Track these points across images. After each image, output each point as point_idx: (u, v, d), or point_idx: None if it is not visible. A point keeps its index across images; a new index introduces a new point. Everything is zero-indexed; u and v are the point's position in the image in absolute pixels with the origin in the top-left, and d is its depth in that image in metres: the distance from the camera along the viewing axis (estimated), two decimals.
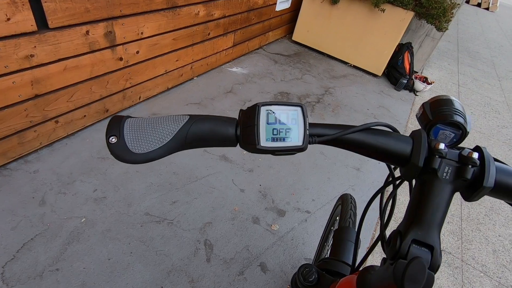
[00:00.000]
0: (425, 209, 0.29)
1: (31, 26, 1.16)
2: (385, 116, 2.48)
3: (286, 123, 0.31)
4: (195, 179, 1.52)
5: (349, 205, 0.79)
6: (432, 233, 0.28)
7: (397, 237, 0.28)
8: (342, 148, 0.34)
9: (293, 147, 0.30)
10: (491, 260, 1.53)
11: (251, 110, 0.31)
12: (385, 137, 0.33)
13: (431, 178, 0.30)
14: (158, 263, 1.17)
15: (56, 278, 1.05)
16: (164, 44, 1.83)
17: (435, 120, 0.33)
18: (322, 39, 3.12)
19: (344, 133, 0.33)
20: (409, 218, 0.29)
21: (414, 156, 0.31)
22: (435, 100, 0.35)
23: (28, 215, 1.20)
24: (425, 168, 0.30)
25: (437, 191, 0.29)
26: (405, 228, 0.29)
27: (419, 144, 0.31)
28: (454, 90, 3.31)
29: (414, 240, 0.27)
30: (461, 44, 5.09)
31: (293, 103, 0.32)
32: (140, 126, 0.31)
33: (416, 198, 0.30)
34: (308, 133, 0.31)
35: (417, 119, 0.37)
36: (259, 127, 0.30)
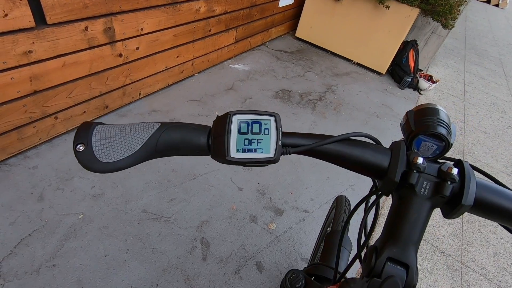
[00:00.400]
0: (402, 226, 0.28)
1: (29, 22, 1.15)
2: (388, 115, 2.45)
3: (258, 133, 0.30)
4: (193, 176, 1.52)
5: (343, 208, 0.78)
6: (408, 251, 0.26)
7: (372, 254, 0.28)
8: (319, 158, 0.33)
9: (264, 158, 0.29)
10: (491, 263, 1.51)
11: (222, 118, 0.30)
12: (362, 149, 0.31)
13: (409, 193, 0.29)
14: (154, 260, 1.17)
15: (53, 274, 1.06)
16: (164, 40, 1.82)
17: (417, 130, 0.31)
18: (325, 36, 3.08)
19: (319, 143, 0.31)
20: (385, 234, 0.28)
21: (390, 170, 0.29)
22: (420, 109, 0.33)
23: (26, 211, 1.21)
24: (402, 183, 0.29)
25: (415, 208, 0.28)
26: (381, 244, 0.28)
27: (396, 157, 0.30)
28: (460, 89, 3.26)
29: (389, 258, 0.26)
30: (469, 42, 5.00)
31: (267, 112, 0.31)
32: (109, 133, 0.30)
33: (393, 213, 0.29)
34: (281, 144, 0.30)
35: (401, 128, 0.35)
36: (230, 137, 0.29)
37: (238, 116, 0.30)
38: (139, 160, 0.29)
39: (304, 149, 0.31)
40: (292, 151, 0.31)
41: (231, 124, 0.29)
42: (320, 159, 0.33)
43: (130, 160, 0.28)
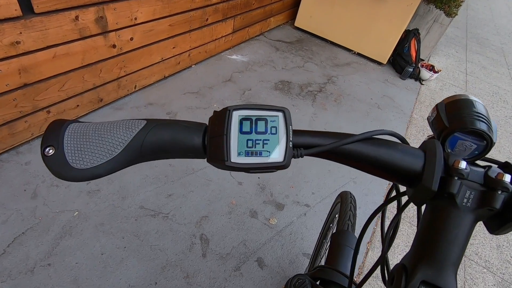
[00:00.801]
0: (438, 243, 0.23)
1: (15, 11, 1.09)
2: (390, 106, 2.40)
3: (264, 132, 0.25)
4: (192, 171, 1.48)
5: (349, 205, 0.74)
6: (447, 274, 0.22)
7: (401, 274, 0.23)
8: (336, 161, 0.28)
9: (272, 164, 0.24)
10: (494, 256, 1.49)
11: (220, 115, 0.25)
12: (389, 149, 0.26)
13: (448, 204, 0.24)
14: (153, 258, 1.15)
15: (48, 273, 1.03)
16: (160, 30, 1.75)
17: (453, 127, 0.27)
18: (325, 25, 3.00)
19: (337, 144, 0.26)
20: (417, 252, 0.24)
21: (426, 176, 0.24)
22: (452, 101, 0.29)
23: (20, 209, 1.17)
24: (439, 191, 0.24)
25: (455, 222, 0.23)
26: (413, 264, 0.23)
27: (432, 160, 0.25)
28: (462, 79, 3.20)
29: (423, 282, 0.22)
30: (470, 31, 4.92)
31: (274, 107, 0.25)
32: (85, 134, 0.25)
33: (426, 227, 0.25)
34: (291, 145, 0.25)
35: (429, 123, 0.30)
36: (230, 138, 0.24)
37: (240, 112, 0.25)
38: (121, 166, 0.24)
39: (319, 150, 0.26)
40: (304, 153, 0.26)
41: (231, 121, 0.24)
42: (337, 162, 0.28)
43: (110, 165, 0.23)
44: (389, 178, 0.27)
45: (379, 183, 1.70)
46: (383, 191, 1.67)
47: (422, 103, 2.60)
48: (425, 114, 2.47)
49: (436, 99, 2.70)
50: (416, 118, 2.41)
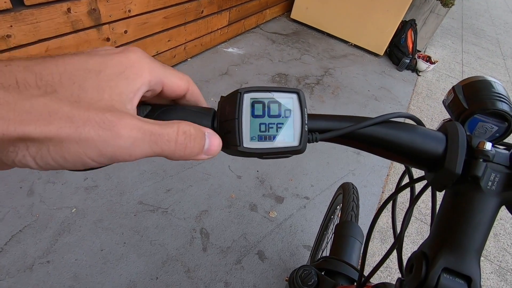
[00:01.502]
0: (461, 229, 0.22)
1: (4, 3, 1.05)
2: (387, 98, 2.40)
3: (277, 115, 0.24)
4: (190, 165, 1.47)
5: (351, 196, 0.74)
6: (470, 261, 0.21)
7: (421, 262, 0.22)
8: (350, 146, 0.27)
9: (287, 148, 0.23)
10: (491, 244, 1.51)
11: (231, 98, 0.24)
12: (408, 132, 0.25)
13: (471, 188, 0.23)
14: (153, 253, 1.14)
15: (47, 271, 1.02)
16: (154, 23, 1.72)
17: (473, 109, 0.26)
18: (321, 17, 2.97)
19: (354, 128, 0.25)
20: (438, 238, 0.23)
21: (449, 159, 0.23)
22: (469, 82, 0.28)
23: (16, 206, 1.15)
24: (463, 175, 0.23)
25: (479, 206, 0.22)
26: (433, 251, 0.22)
27: (455, 143, 0.23)
28: (458, 70, 3.21)
29: (445, 269, 0.21)
30: (466, 21, 4.91)
31: (287, 89, 0.24)
32: None
33: (448, 213, 0.24)
34: (307, 129, 0.24)
35: (446, 107, 0.29)
36: (242, 122, 0.23)
37: (251, 95, 0.23)
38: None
39: (335, 134, 0.25)
40: (320, 137, 0.25)
41: (242, 104, 0.23)
42: (353, 147, 0.26)
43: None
44: (408, 162, 0.26)
45: (378, 174, 1.70)
46: (382, 182, 1.67)
47: (419, 94, 2.60)
48: (422, 105, 2.48)
49: (433, 90, 2.70)
50: (413, 109, 2.41)
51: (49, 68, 0.16)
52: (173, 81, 0.22)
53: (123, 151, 0.17)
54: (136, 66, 0.19)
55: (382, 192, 1.62)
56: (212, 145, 0.22)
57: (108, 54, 0.19)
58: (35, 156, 0.16)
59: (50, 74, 0.16)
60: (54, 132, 0.15)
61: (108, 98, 0.17)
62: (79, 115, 0.16)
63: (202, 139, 0.21)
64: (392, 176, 1.72)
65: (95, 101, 0.17)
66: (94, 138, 0.16)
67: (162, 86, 0.22)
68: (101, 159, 0.17)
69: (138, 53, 0.20)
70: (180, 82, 0.23)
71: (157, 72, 0.21)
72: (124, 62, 0.19)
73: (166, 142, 0.19)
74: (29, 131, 0.15)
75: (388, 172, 1.73)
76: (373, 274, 0.34)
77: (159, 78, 0.21)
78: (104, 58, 0.18)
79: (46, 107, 0.15)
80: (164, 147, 0.19)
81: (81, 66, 0.17)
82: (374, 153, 0.27)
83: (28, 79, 0.16)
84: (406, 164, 0.27)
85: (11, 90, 0.15)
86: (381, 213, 0.34)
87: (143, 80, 0.20)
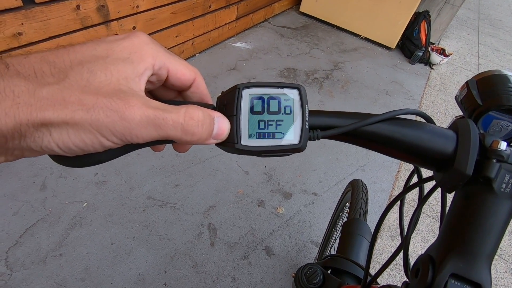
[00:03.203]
0: (471, 233, 0.21)
1: (15, 1, 1.07)
2: (398, 92, 2.35)
3: (277, 112, 0.23)
4: (198, 161, 1.48)
5: (360, 193, 0.72)
6: (480, 266, 0.20)
7: (428, 266, 0.21)
8: (354, 143, 0.25)
9: (286, 146, 0.22)
10: (506, 243, 1.47)
11: (229, 94, 0.23)
12: (416, 130, 0.24)
13: (483, 190, 0.22)
14: (162, 247, 1.15)
15: (60, 263, 1.05)
16: (162, 19, 1.72)
17: (487, 105, 0.24)
18: (331, 10, 2.91)
19: (358, 125, 0.24)
20: (446, 242, 0.22)
21: (459, 159, 0.22)
22: (484, 77, 0.26)
23: (30, 200, 1.18)
24: (475, 176, 0.22)
25: (492, 209, 0.21)
26: (441, 255, 0.21)
27: (467, 141, 0.22)
28: (474, 63, 3.10)
29: (453, 274, 0.20)
30: (482, 12, 4.73)
31: (287, 84, 0.23)
32: None
33: (457, 215, 0.22)
34: (307, 126, 0.23)
35: (458, 103, 0.28)
36: (240, 119, 0.22)
37: (250, 90, 0.23)
38: (120, 152, 0.22)
39: (338, 132, 0.24)
40: (321, 135, 0.24)
41: (241, 100, 0.22)
42: (357, 145, 0.25)
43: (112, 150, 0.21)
44: (415, 161, 0.25)
45: (388, 170, 1.67)
46: (392, 178, 1.64)
47: (432, 88, 2.53)
48: (435, 99, 2.41)
49: (447, 84, 2.63)
50: (426, 104, 2.35)
51: (62, 57, 0.18)
52: (178, 68, 0.22)
53: (131, 131, 0.18)
54: (140, 51, 0.20)
55: (392, 188, 1.59)
56: (221, 129, 0.22)
57: (114, 41, 0.20)
58: (57, 141, 0.17)
59: (62, 62, 0.18)
60: (69, 115, 0.17)
61: (115, 81, 0.18)
62: (89, 98, 0.17)
63: (211, 124, 0.21)
64: (403, 173, 1.68)
65: (104, 84, 0.18)
66: (104, 119, 0.17)
67: (167, 72, 0.22)
68: (114, 139, 0.18)
69: (142, 38, 0.21)
70: (185, 70, 0.23)
71: (161, 57, 0.21)
72: (128, 48, 0.20)
73: (171, 127, 0.19)
74: (49, 116, 0.16)
75: (399, 168, 1.70)
76: (379, 274, 0.33)
77: (163, 63, 0.21)
78: (111, 44, 0.20)
79: (60, 92, 0.17)
80: (170, 132, 0.19)
81: (90, 53, 0.19)
82: (380, 152, 0.25)
83: (44, 69, 0.17)
84: (413, 164, 0.26)
85: (31, 79, 0.17)
86: (387, 213, 0.33)
87: (146, 65, 0.20)
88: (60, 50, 0.18)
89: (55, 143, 0.17)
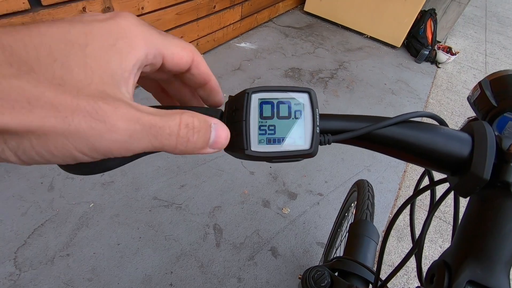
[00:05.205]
0: (489, 239, 0.20)
1: (23, 4, 1.08)
2: (404, 91, 2.32)
3: (287, 117, 0.22)
4: (203, 161, 1.48)
5: (366, 194, 0.72)
6: (499, 273, 0.20)
7: (444, 272, 0.21)
8: (365, 147, 0.25)
9: (297, 152, 0.22)
10: None
11: (238, 98, 0.23)
12: (430, 133, 0.23)
13: (501, 195, 0.21)
14: (167, 248, 1.16)
15: (67, 263, 1.06)
16: (167, 20, 1.73)
17: (502, 106, 0.24)
18: (336, 9, 2.90)
19: (370, 129, 0.23)
20: (462, 248, 0.21)
21: (476, 163, 0.21)
22: (498, 77, 0.25)
23: (37, 201, 1.20)
24: (492, 180, 0.21)
25: (510, 214, 0.20)
26: (457, 261, 0.21)
27: (483, 145, 0.21)
28: (481, 61, 3.06)
29: (470, 282, 0.20)
30: (490, 9, 4.67)
31: (297, 88, 0.23)
32: None
33: (473, 220, 0.22)
34: (318, 131, 0.22)
35: (471, 104, 0.27)
36: (249, 124, 0.22)
37: (259, 95, 0.22)
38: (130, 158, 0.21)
39: (349, 136, 0.23)
40: (332, 139, 0.23)
41: (250, 105, 0.22)
42: (369, 149, 0.25)
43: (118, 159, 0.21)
44: (429, 165, 0.25)
45: (394, 170, 1.66)
46: (399, 179, 1.63)
47: (438, 87, 2.50)
48: (442, 98, 2.38)
49: (454, 83, 2.59)
50: (432, 103, 2.32)
51: (22, 40, 0.13)
52: (175, 52, 0.19)
53: (120, 145, 0.15)
54: (129, 36, 0.16)
55: (398, 188, 1.58)
56: (219, 137, 0.19)
57: (94, 21, 0.16)
58: (16, 150, 0.13)
59: (23, 47, 0.13)
60: (36, 123, 0.13)
61: (98, 80, 0.15)
62: (66, 102, 0.13)
63: (207, 132, 0.18)
64: (410, 173, 1.67)
65: (84, 84, 0.14)
66: (86, 131, 0.14)
67: (162, 59, 0.18)
68: (93, 154, 0.15)
69: (130, 19, 0.17)
70: (182, 53, 0.19)
71: (155, 42, 0.17)
72: (114, 31, 0.16)
73: (167, 136, 0.16)
74: (5, 121, 0.12)
75: (405, 168, 1.68)
76: (390, 279, 0.33)
77: (158, 50, 0.18)
78: (90, 26, 0.15)
79: (23, 92, 0.12)
80: (165, 142, 0.16)
81: (62, 37, 0.14)
82: (392, 156, 0.25)
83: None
84: (427, 167, 0.25)
85: None
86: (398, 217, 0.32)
87: (138, 54, 0.16)
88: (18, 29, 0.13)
89: (12, 153, 0.13)
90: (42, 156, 0.14)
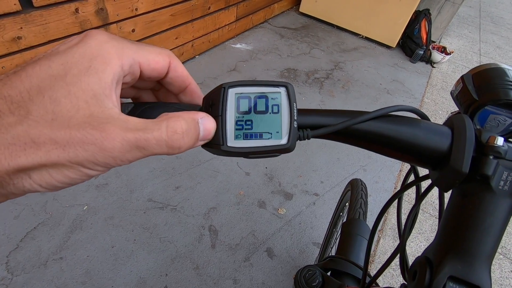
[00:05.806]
0: (470, 233, 0.20)
1: (14, 5, 1.08)
2: (399, 91, 2.33)
3: (264, 111, 0.22)
4: (199, 163, 1.47)
5: (359, 193, 0.71)
6: (479, 268, 0.19)
7: (425, 269, 0.20)
8: (346, 142, 0.25)
9: (274, 146, 0.21)
10: (511, 242, 1.45)
11: (214, 93, 0.22)
12: (410, 127, 0.23)
13: (481, 188, 0.21)
14: (162, 250, 1.15)
15: (60, 267, 1.05)
16: (161, 21, 1.72)
17: (483, 100, 0.23)
18: (331, 10, 2.91)
19: (349, 123, 0.23)
20: (443, 243, 0.21)
21: (455, 156, 0.21)
22: (480, 70, 0.25)
23: (30, 204, 1.18)
24: (471, 174, 0.21)
25: (490, 208, 0.20)
26: (438, 257, 0.20)
27: (462, 138, 0.21)
28: (475, 60, 3.08)
29: (451, 277, 0.19)
30: (484, 9, 4.71)
31: (274, 82, 0.22)
32: None
33: (454, 215, 0.22)
34: (296, 126, 0.22)
35: (454, 98, 0.27)
36: (226, 119, 0.21)
37: (236, 89, 0.22)
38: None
39: (328, 131, 0.23)
40: (311, 134, 0.23)
41: (226, 100, 0.22)
42: (349, 144, 0.25)
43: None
44: (409, 159, 0.24)
45: (390, 170, 1.66)
46: (394, 178, 1.63)
47: (433, 86, 2.51)
48: (437, 98, 2.40)
49: (449, 82, 2.61)
50: (427, 102, 2.33)
51: (16, 87, 0.16)
52: (150, 58, 0.20)
53: (114, 159, 0.17)
54: (101, 54, 0.17)
55: (394, 188, 1.58)
56: (207, 130, 0.21)
57: (68, 48, 0.17)
58: (40, 182, 0.16)
59: (18, 93, 0.16)
60: (44, 157, 0.15)
61: (83, 105, 0.16)
62: (60, 134, 0.16)
63: (196, 130, 0.20)
64: (405, 172, 1.67)
65: (72, 113, 0.16)
66: (83, 154, 0.16)
67: (139, 67, 0.20)
68: (99, 168, 0.17)
69: (99, 37, 0.18)
70: (158, 58, 0.20)
71: (128, 53, 0.19)
72: (87, 54, 0.17)
73: (155, 146, 0.18)
74: (22, 162, 0.15)
75: (401, 168, 1.69)
76: (378, 275, 0.32)
77: (133, 59, 0.19)
78: (65, 55, 0.17)
79: (27, 134, 0.15)
80: (155, 150, 0.18)
81: (45, 74, 0.16)
82: (373, 150, 0.25)
83: (0, 107, 0.15)
84: (408, 162, 0.25)
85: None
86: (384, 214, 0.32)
87: (113, 69, 0.17)
88: (11, 77, 0.16)
89: (38, 184, 0.16)
90: (63, 182, 0.17)
